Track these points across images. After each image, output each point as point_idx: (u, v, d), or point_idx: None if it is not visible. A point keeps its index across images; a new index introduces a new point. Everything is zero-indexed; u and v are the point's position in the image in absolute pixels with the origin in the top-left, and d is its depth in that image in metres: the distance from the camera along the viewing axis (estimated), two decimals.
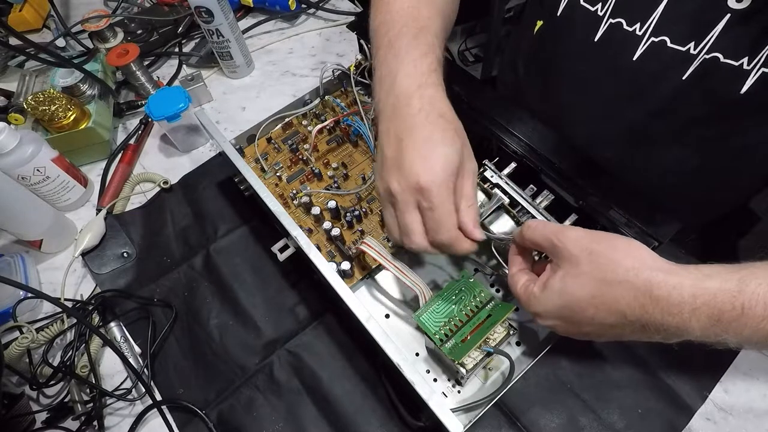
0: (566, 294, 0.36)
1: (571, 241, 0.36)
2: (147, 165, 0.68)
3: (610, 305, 0.34)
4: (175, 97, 0.62)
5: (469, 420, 0.42)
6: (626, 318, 0.34)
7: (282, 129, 0.62)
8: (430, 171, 0.38)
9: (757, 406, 0.45)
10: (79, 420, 0.47)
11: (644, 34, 0.47)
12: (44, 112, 0.59)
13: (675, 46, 0.45)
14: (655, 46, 0.46)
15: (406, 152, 0.39)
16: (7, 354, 0.47)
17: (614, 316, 0.34)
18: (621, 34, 0.48)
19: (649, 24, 0.46)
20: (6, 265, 0.56)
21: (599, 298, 0.34)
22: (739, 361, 0.47)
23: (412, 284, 0.45)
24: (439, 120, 0.40)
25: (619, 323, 0.34)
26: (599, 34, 0.50)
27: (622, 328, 0.35)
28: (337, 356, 0.50)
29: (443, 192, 0.39)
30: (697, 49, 0.44)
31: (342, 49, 0.78)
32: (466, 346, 0.42)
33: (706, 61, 0.44)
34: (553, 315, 0.37)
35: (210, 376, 0.50)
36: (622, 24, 0.48)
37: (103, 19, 0.70)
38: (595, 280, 0.35)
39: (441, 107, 0.41)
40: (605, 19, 0.49)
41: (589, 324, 0.36)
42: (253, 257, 0.57)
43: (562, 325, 0.38)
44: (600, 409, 0.45)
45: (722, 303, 0.31)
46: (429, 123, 0.40)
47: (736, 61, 0.43)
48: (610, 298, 0.34)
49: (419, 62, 0.43)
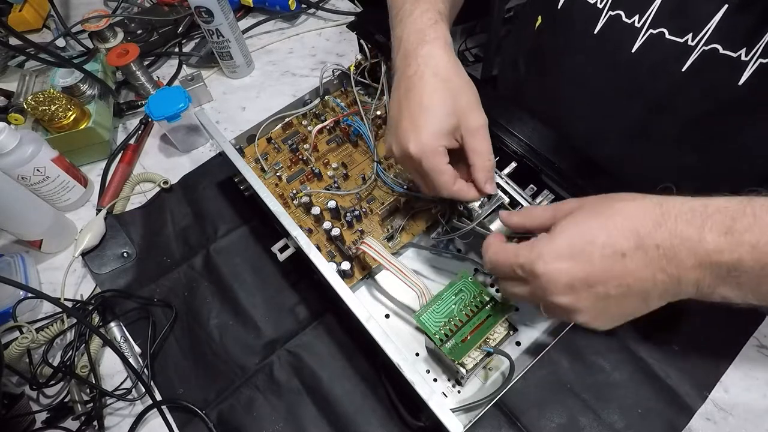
0: (574, 226, 0.33)
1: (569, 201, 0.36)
2: (147, 165, 0.68)
3: (621, 225, 0.32)
4: (175, 97, 0.62)
5: (469, 420, 0.42)
6: (639, 236, 0.31)
7: (282, 129, 0.62)
8: (418, 139, 0.40)
9: (757, 406, 0.45)
10: (79, 420, 0.47)
11: (642, 25, 0.47)
12: (44, 112, 0.59)
13: (673, 37, 0.45)
14: (653, 38, 0.46)
15: (401, 118, 0.42)
16: (7, 354, 0.47)
17: (627, 235, 0.31)
18: (620, 26, 0.48)
19: (647, 16, 0.46)
20: (6, 265, 0.56)
21: (610, 220, 0.32)
22: (739, 361, 0.47)
23: (411, 284, 0.45)
24: (432, 80, 0.41)
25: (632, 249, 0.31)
26: (598, 26, 0.50)
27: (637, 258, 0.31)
28: (337, 356, 0.50)
29: (431, 158, 0.40)
30: (695, 41, 0.44)
31: (342, 49, 0.78)
32: (466, 346, 0.42)
33: (705, 52, 0.44)
34: (561, 254, 0.33)
35: (210, 376, 0.50)
36: (621, 16, 0.48)
37: (103, 19, 0.70)
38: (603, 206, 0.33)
39: (436, 65, 0.42)
40: (604, 11, 0.49)
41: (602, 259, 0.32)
42: (253, 257, 0.57)
43: (571, 267, 0.32)
44: (600, 409, 0.45)
45: (734, 211, 0.30)
46: (422, 85, 0.41)
47: (734, 52, 0.43)
48: (621, 217, 0.32)
49: (418, 20, 0.44)
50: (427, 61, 0.42)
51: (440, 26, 0.44)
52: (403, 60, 0.43)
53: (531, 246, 0.34)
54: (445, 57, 0.43)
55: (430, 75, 0.41)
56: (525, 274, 0.34)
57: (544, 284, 0.33)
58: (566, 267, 0.32)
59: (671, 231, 0.31)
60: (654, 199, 0.32)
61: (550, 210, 0.37)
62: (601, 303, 0.33)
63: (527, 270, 0.34)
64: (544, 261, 0.33)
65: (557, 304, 0.33)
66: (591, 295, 0.32)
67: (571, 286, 0.32)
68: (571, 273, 0.32)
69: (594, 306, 0.33)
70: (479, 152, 0.42)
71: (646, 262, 0.31)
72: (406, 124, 0.41)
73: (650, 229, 0.31)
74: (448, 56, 0.43)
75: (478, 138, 0.42)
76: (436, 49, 0.42)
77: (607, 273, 0.32)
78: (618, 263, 0.31)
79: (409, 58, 0.43)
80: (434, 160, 0.40)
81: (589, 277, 0.32)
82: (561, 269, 0.32)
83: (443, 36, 0.44)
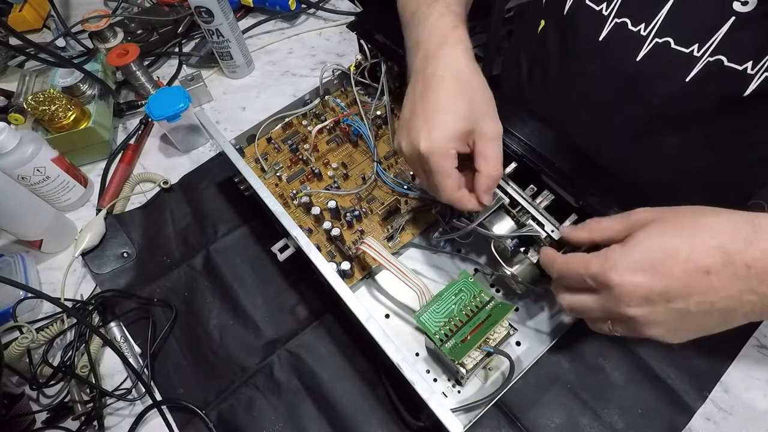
0: (653, 238, 0.32)
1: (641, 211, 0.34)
2: (147, 165, 0.68)
3: (707, 241, 0.30)
4: (175, 97, 0.62)
5: (469, 420, 0.42)
6: (728, 253, 0.29)
7: (282, 129, 0.62)
8: (429, 138, 0.40)
9: (757, 406, 0.45)
10: (79, 420, 0.47)
11: (648, 34, 0.46)
12: (44, 112, 0.59)
13: (679, 47, 0.45)
14: (659, 47, 0.46)
15: (415, 117, 0.41)
16: (7, 354, 0.47)
17: (713, 252, 0.30)
18: (625, 34, 0.48)
19: (653, 25, 0.46)
20: (6, 265, 0.56)
21: (695, 235, 0.31)
22: (739, 361, 0.47)
23: (411, 284, 0.45)
24: (451, 82, 0.41)
25: (719, 266, 0.30)
26: (604, 33, 0.50)
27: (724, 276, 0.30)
28: (337, 356, 0.50)
29: (439, 159, 0.40)
30: (700, 52, 0.44)
31: (342, 49, 0.78)
32: (466, 346, 0.42)
33: (710, 63, 0.44)
34: (638, 265, 0.31)
35: (210, 376, 0.50)
36: (627, 24, 0.48)
37: (103, 19, 0.70)
38: (685, 220, 0.32)
39: (456, 68, 0.42)
40: (610, 18, 0.49)
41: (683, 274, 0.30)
42: (253, 257, 0.57)
43: (648, 280, 0.31)
44: (600, 408, 0.45)
45: None
46: (441, 86, 0.41)
47: (740, 65, 0.43)
48: (707, 233, 0.31)
49: (437, 24, 0.44)
50: (447, 63, 0.42)
51: (460, 30, 0.44)
52: (423, 62, 0.43)
53: (604, 256, 0.33)
54: (465, 61, 0.42)
55: (450, 77, 0.41)
56: (596, 284, 0.33)
57: (617, 295, 0.32)
58: (643, 279, 0.31)
59: (764, 250, 0.29)
60: (743, 215, 0.31)
61: (621, 220, 0.35)
62: (678, 318, 0.32)
63: (600, 280, 0.33)
64: (619, 272, 0.32)
65: (629, 316, 0.32)
66: (668, 309, 0.31)
67: (647, 299, 0.31)
68: (648, 286, 0.31)
69: (670, 320, 0.32)
70: (488, 159, 0.41)
71: (733, 281, 0.30)
72: (420, 123, 0.41)
73: (740, 246, 0.30)
74: (468, 60, 0.42)
75: (491, 146, 0.41)
76: (457, 53, 0.42)
77: (689, 288, 0.30)
78: (702, 280, 0.30)
79: (430, 59, 0.42)
80: (442, 161, 0.40)
81: (668, 291, 0.31)
82: (637, 281, 0.31)
83: (464, 40, 0.44)
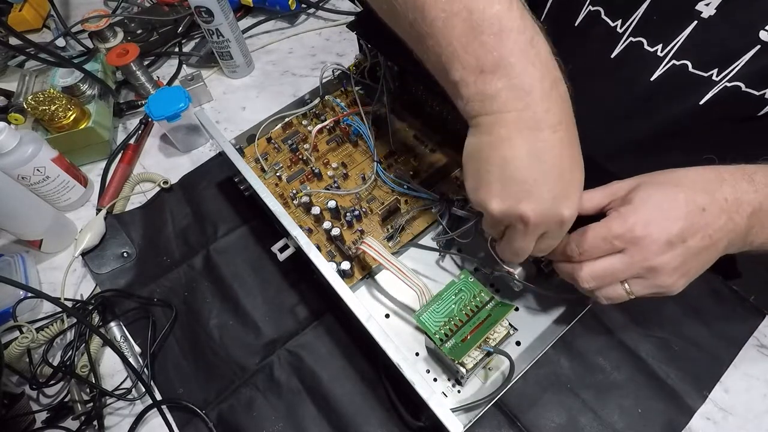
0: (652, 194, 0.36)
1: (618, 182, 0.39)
2: (147, 165, 0.68)
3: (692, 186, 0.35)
4: (175, 97, 0.62)
5: (469, 420, 0.42)
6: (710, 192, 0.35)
7: (282, 129, 0.62)
8: (574, 203, 0.34)
9: (757, 406, 0.45)
10: (79, 420, 0.47)
11: (665, 56, 0.45)
12: (44, 112, 0.59)
13: (697, 71, 0.44)
14: (675, 69, 0.45)
15: (547, 179, 0.32)
16: (7, 354, 0.47)
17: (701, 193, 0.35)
18: (640, 53, 0.47)
19: (672, 47, 0.45)
20: (6, 265, 0.56)
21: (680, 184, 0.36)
22: (739, 361, 0.47)
23: (411, 284, 0.45)
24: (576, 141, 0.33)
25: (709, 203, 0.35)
26: (616, 51, 0.48)
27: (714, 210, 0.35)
28: (337, 356, 0.50)
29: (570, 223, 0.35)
30: (719, 77, 0.43)
31: (342, 49, 0.78)
32: (466, 345, 0.42)
33: (727, 88, 0.43)
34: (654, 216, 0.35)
35: (210, 376, 0.50)
36: (643, 43, 0.46)
37: (103, 19, 0.70)
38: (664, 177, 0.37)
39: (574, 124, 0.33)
40: (624, 36, 0.47)
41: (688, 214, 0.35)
42: (253, 257, 0.57)
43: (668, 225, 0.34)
44: (600, 409, 0.45)
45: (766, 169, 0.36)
46: (573, 144, 0.33)
47: (757, 91, 0.42)
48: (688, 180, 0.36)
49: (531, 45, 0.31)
50: (570, 114, 0.33)
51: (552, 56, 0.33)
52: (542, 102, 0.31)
53: (621, 217, 0.36)
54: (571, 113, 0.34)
55: (574, 134, 0.33)
56: (623, 243, 0.35)
57: (647, 245, 0.35)
58: (664, 227, 0.34)
59: (732, 186, 0.35)
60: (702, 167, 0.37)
61: (602, 192, 0.38)
62: (690, 258, 0.35)
63: (627, 238, 0.35)
64: (643, 225, 0.35)
65: (654, 265, 0.35)
66: (684, 250, 0.35)
67: (670, 243, 0.35)
68: (668, 229, 0.34)
69: (684, 262, 0.35)
70: None
71: (720, 214, 0.35)
72: (554, 183, 0.32)
73: (716, 186, 0.35)
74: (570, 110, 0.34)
75: None
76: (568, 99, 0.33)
77: (696, 225, 0.35)
78: (701, 217, 0.35)
79: (549, 99, 0.31)
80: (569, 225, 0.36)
81: (683, 231, 0.34)
82: (660, 227, 0.34)
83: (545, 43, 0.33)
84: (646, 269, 0.36)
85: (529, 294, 0.50)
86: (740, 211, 0.35)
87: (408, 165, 0.58)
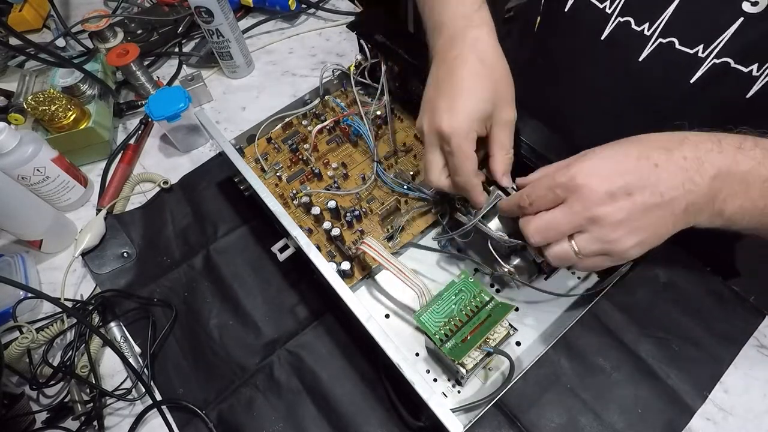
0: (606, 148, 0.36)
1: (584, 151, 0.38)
2: (147, 165, 0.68)
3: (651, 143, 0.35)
4: (175, 97, 0.62)
5: (469, 420, 0.42)
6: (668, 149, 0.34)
7: (282, 129, 0.62)
8: (453, 118, 0.40)
9: (757, 406, 0.45)
10: (79, 420, 0.47)
11: (652, 34, 0.46)
12: (44, 112, 0.59)
13: (683, 48, 0.45)
14: (662, 48, 0.46)
15: (438, 97, 0.42)
16: (7, 354, 0.47)
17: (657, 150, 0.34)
18: (628, 33, 0.47)
19: (658, 24, 0.45)
20: (6, 265, 0.56)
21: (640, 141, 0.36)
22: (739, 361, 0.47)
23: (411, 284, 0.45)
24: (477, 64, 0.41)
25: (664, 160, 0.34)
26: (606, 32, 0.49)
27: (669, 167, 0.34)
28: (337, 356, 0.50)
29: (462, 139, 0.40)
30: (705, 53, 0.44)
31: (342, 49, 0.78)
32: (466, 346, 0.42)
33: (715, 65, 0.43)
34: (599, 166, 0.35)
35: (210, 376, 0.50)
36: (630, 23, 0.47)
37: (103, 19, 0.70)
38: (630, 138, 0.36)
39: (483, 50, 0.42)
40: (613, 17, 0.48)
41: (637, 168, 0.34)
42: (253, 257, 0.57)
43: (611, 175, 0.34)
44: (600, 409, 0.45)
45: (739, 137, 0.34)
46: (467, 67, 0.41)
47: (745, 67, 0.42)
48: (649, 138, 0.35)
49: (461, 5, 0.44)
50: (474, 44, 0.42)
51: (484, 11, 0.44)
52: (447, 42, 0.43)
53: (567, 165, 0.36)
54: (492, 43, 0.43)
55: (476, 59, 0.41)
56: (564, 191, 0.35)
57: (586, 195, 0.34)
58: (606, 176, 0.34)
59: (695, 144, 0.34)
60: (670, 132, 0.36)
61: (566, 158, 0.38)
62: (637, 214, 0.34)
63: (568, 186, 0.35)
64: (584, 174, 0.34)
65: (596, 216, 0.34)
66: (629, 204, 0.33)
67: (611, 194, 0.34)
68: (611, 180, 0.34)
69: (630, 218, 0.34)
70: (504, 145, 0.42)
71: (676, 173, 0.33)
72: (444, 103, 0.41)
73: (677, 144, 0.34)
74: (494, 42, 0.43)
75: (506, 131, 0.42)
76: (483, 34, 0.43)
77: (644, 180, 0.33)
78: (653, 172, 0.33)
79: (456, 40, 0.43)
80: (464, 142, 0.40)
81: (628, 184, 0.33)
82: (602, 177, 0.34)
83: (489, 21, 0.44)
84: (587, 219, 0.34)
85: (529, 294, 0.50)
86: (701, 171, 0.33)
87: (408, 165, 0.58)
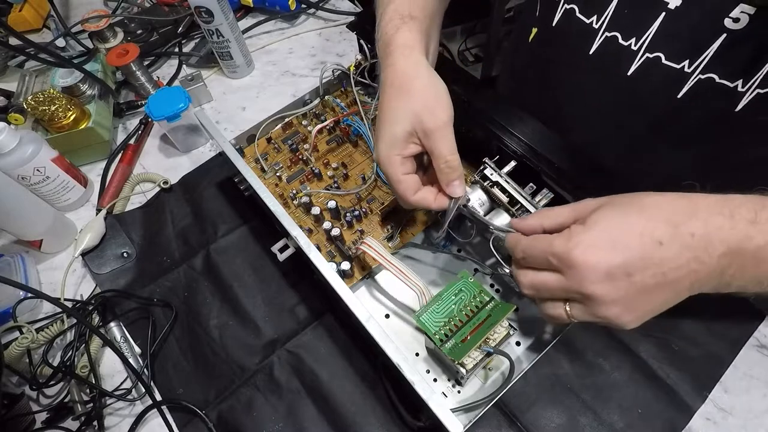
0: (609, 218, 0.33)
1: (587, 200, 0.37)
2: (147, 165, 0.68)
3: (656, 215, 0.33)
4: (175, 97, 0.62)
5: (469, 420, 0.42)
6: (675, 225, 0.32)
7: (282, 129, 0.62)
8: (377, 149, 0.43)
9: (757, 406, 0.45)
10: (79, 420, 0.47)
11: (639, 49, 0.46)
12: (44, 112, 0.59)
13: (669, 63, 0.45)
14: (649, 62, 0.46)
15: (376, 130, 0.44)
16: (7, 354, 0.47)
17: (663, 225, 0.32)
18: (616, 48, 0.47)
19: (644, 39, 0.45)
20: (6, 265, 0.56)
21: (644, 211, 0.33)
22: (739, 361, 0.47)
23: (411, 284, 0.45)
24: (389, 90, 0.43)
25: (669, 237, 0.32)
26: (594, 47, 0.49)
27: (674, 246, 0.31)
28: (337, 356, 0.50)
29: (386, 167, 0.42)
30: (691, 68, 0.44)
31: (342, 49, 0.78)
32: (466, 346, 0.42)
33: (701, 81, 0.44)
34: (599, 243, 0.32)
35: (210, 376, 0.50)
36: (618, 38, 0.47)
37: (103, 19, 0.70)
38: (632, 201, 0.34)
39: (392, 74, 0.43)
40: (600, 32, 0.48)
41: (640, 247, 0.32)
42: (253, 257, 0.57)
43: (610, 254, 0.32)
44: (600, 409, 0.45)
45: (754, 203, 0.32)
46: (384, 96, 0.43)
47: (731, 82, 0.42)
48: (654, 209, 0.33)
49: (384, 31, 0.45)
50: (387, 72, 0.44)
51: (401, 32, 0.45)
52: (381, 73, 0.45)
53: (567, 236, 0.34)
54: (401, 63, 0.43)
55: (388, 86, 0.43)
56: (560, 264, 0.34)
57: (582, 273, 0.32)
58: (605, 255, 0.32)
59: (704, 221, 0.32)
60: (678, 194, 0.34)
61: (569, 209, 0.37)
62: (634, 294, 0.32)
63: (564, 259, 0.33)
64: (582, 250, 0.32)
65: (590, 294, 0.32)
66: (627, 284, 0.32)
67: (609, 274, 0.32)
68: (609, 260, 0.32)
69: (628, 297, 0.32)
70: (436, 154, 0.41)
71: (682, 251, 0.32)
72: (376, 137, 0.44)
73: (684, 219, 0.32)
74: (404, 62, 0.43)
75: (433, 139, 0.41)
76: (394, 59, 0.44)
77: (646, 261, 0.32)
78: (656, 251, 0.32)
79: (383, 70, 0.45)
80: (388, 169, 0.42)
81: (628, 265, 0.32)
82: (600, 257, 0.32)
83: (403, 42, 0.44)
84: (582, 296, 0.33)
85: None
86: (710, 249, 0.31)
87: None
